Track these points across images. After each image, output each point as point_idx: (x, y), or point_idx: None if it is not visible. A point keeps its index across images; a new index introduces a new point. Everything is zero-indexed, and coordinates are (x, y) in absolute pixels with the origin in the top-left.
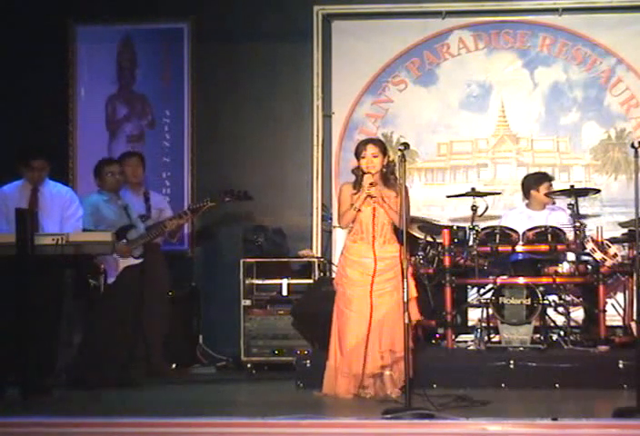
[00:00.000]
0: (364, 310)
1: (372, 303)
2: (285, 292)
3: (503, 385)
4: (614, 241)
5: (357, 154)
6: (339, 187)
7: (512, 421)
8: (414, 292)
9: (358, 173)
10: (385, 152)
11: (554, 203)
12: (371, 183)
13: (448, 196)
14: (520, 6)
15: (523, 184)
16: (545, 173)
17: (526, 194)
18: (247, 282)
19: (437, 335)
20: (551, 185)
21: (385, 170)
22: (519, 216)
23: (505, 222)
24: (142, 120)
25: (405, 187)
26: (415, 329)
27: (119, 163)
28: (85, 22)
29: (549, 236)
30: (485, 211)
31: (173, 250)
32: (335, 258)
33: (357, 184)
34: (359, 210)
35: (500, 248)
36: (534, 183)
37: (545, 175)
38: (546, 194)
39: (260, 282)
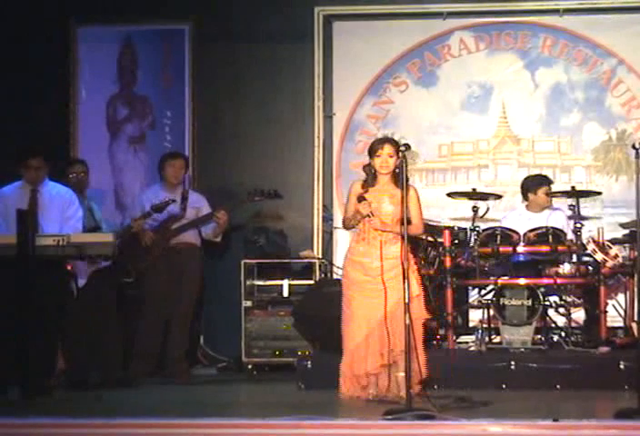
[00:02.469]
0: (363, 310)
1: (386, 301)
2: (285, 293)
3: (504, 386)
4: (615, 242)
5: (372, 152)
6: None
7: (513, 422)
8: (416, 290)
9: (369, 170)
10: (398, 153)
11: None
12: (359, 197)
13: (448, 194)
14: (521, 7)
15: (522, 186)
16: (545, 176)
17: (525, 197)
18: (248, 282)
19: (438, 336)
20: (550, 189)
21: (397, 170)
22: (518, 218)
23: (505, 224)
24: (143, 121)
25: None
26: (425, 327)
27: (83, 164)
28: (85, 22)
29: (550, 237)
30: (486, 212)
31: None
32: (337, 259)
33: (366, 182)
34: (358, 221)
35: (501, 249)
36: (532, 186)
37: (545, 179)
38: (547, 194)
39: (261, 282)
